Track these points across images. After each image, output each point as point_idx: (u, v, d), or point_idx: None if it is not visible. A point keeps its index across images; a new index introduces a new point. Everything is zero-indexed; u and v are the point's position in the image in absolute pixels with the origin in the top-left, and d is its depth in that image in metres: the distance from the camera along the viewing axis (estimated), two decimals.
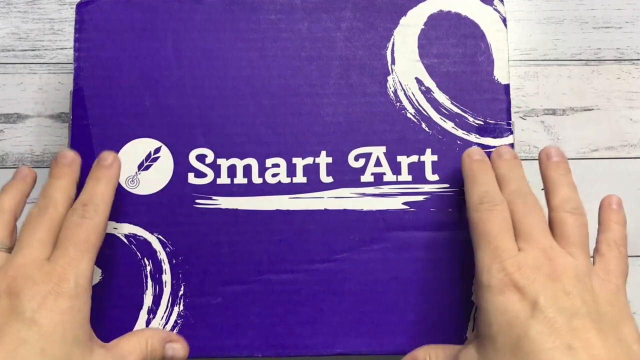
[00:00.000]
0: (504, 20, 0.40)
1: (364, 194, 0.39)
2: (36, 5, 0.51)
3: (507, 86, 0.39)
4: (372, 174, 0.39)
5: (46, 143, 0.49)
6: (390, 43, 0.40)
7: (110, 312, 0.38)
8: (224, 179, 0.39)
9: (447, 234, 0.38)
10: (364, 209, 0.38)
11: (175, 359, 0.36)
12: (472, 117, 0.39)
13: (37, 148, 0.49)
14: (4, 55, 0.50)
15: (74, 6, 0.41)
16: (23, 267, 0.31)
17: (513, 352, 0.29)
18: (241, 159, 0.39)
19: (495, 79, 0.39)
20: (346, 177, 0.39)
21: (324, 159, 0.39)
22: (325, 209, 0.38)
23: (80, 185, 0.36)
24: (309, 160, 0.39)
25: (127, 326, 0.37)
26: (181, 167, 0.39)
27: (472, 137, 0.39)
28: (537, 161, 0.39)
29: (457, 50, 0.40)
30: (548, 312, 0.29)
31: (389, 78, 0.40)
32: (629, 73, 0.50)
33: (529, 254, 0.32)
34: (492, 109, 0.39)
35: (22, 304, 0.30)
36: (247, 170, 0.39)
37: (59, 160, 0.37)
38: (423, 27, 0.40)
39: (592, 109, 0.50)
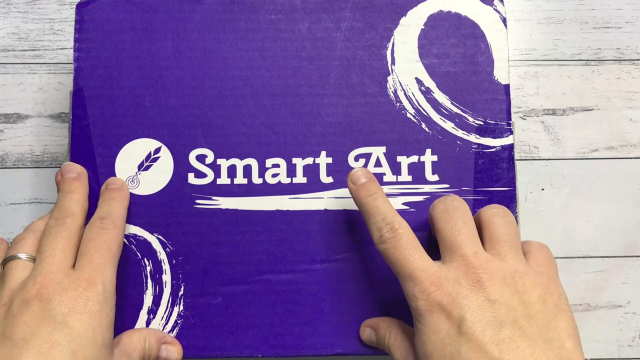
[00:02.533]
0: (504, 21, 0.40)
1: None
2: (36, 5, 0.51)
3: (507, 86, 0.39)
4: (372, 174, 0.39)
5: (46, 143, 0.49)
6: (390, 43, 0.40)
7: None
8: (224, 179, 0.39)
9: None
10: None
11: (170, 355, 0.37)
12: (472, 117, 0.39)
13: (37, 148, 0.49)
14: (4, 55, 0.50)
15: (74, 6, 0.41)
16: (51, 274, 0.32)
17: None
18: (241, 159, 0.39)
19: (495, 79, 0.39)
20: (346, 177, 0.39)
21: (324, 159, 0.39)
22: (325, 209, 0.38)
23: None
24: (309, 160, 0.39)
25: (127, 326, 0.38)
26: (181, 167, 0.39)
27: (472, 137, 0.39)
28: (538, 162, 0.39)
29: (457, 50, 0.40)
30: (475, 328, 0.29)
31: (389, 78, 0.40)
32: (629, 73, 0.50)
33: (451, 265, 0.32)
34: (492, 109, 0.39)
35: (53, 308, 0.31)
36: (247, 170, 0.39)
37: (67, 175, 0.38)
38: (423, 27, 0.40)
39: (592, 109, 0.50)
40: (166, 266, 0.38)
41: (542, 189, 0.49)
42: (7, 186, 0.49)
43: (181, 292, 0.38)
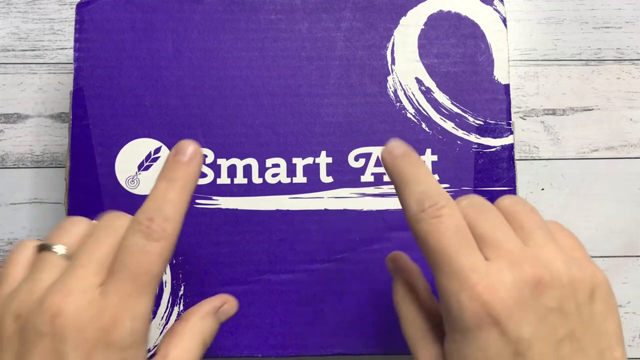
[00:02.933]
0: (504, 21, 0.40)
1: (364, 194, 0.39)
2: (36, 5, 0.51)
3: (507, 86, 0.39)
4: (372, 174, 0.39)
5: (46, 143, 0.49)
6: (390, 43, 0.40)
7: None
8: (224, 179, 0.39)
9: None
10: (364, 209, 0.38)
11: (230, 316, 0.32)
12: (472, 117, 0.39)
13: (37, 148, 0.49)
14: (4, 55, 0.50)
15: (74, 6, 0.41)
16: (73, 295, 0.25)
17: None
18: (241, 159, 0.39)
19: (495, 79, 0.39)
20: (346, 177, 0.39)
21: (324, 159, 0.39)
22: (325, 209, 0.38)
23: None
24: (309, 160, 0.39)
25: None
26: None
27: (472, 137, 0.39)
28: (538, 162, 0.39)
29: (457, 50, 0.40)
30: (534, 349, 0.24)
31: (389, 78, 0.40)
32: (629, 73, 0.50)
33: (500, 264, 0.25)
34: (492, 109, 0.39)
35: (66, 352, 0.24)
36: (247, 170, 0.39)
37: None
38: (423, 27, 0.40)
39: (592, 109, 0.50)
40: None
41: (542, 189, 0.49)
42: (7, 186, 0.49)
43: (181, 292, 0.38)
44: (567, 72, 0.50)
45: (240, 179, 0.39)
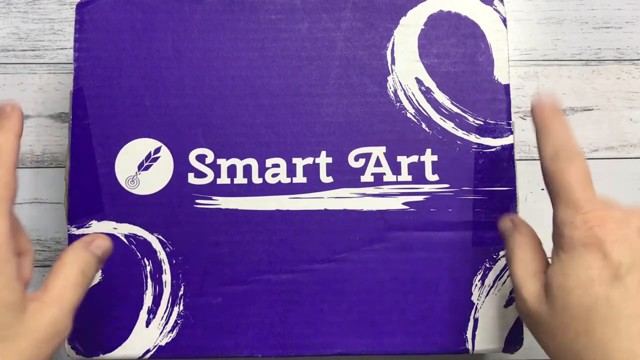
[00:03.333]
0: (504, 21, 0.40)
1: (364, 194, 0.39)
2: (36, 5, 0.51)
3: (507, 86, 0.39)
4: (372, 174, 0.39)
5: (46, 143, 0.49)
6: (390, 43, 0.40)
7: (111, 312, 0.38)
8: (224, 179, 0.39)
9: (447, 234, 0.38)
10: (364, 209, 0.38)
11: (107, 252, 0.34)
12: (472, 117, 0.39)
13: (37, 148, 0.49)
14: (4, 55, 0.50)
15: (74, 6, 0.41)
16: None
17: (589, 312, 0.28)
18: (241, 159, 0.39)
19: (495, 79, 0.39)
20: (346, 177, 0.39)
21: (324, 159, 0.39)
22: (325, 209, 0.38)
23: None
24: (309, 160, 0.39)
25: (127, 326, 0.38)
26: (181, 167, 0.39)
27: (472, 137, 0.39)
28: (538, 162, 0.39)
29: (457, 50, 0.40)
30: (632, 277, 0.28)
31: (389, 78, 0.40)
32: (629, 73, 0.50)
33: (613, 207, 0.30)
34: (492, 109, 0.39)
35: None
36: (247, 170, 0.39)
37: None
38: (423, 27, 0.40)
39: (592, 109, 0.50)
40: (166, 266, 0.38)
41: (542, 189, 0.49)
42: None
43: (181, 292, 0.38)
44: (567, 72, 0.50)
45: (240, 179, 0.39)
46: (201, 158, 0.39)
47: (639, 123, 0.49)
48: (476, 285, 0.38)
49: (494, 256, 0.38)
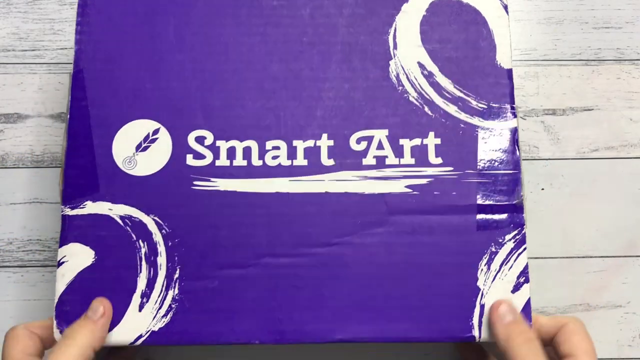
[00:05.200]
0: (505, 7, 0.40)
1: (366, 177, 0.38)
2: (36, 5, 0.51)
3: (509, 70, 0.39)
4: (375, 156, 0.38)
5: (46, 143, 0.48)
6: (392, 29, 0.40)
7: (102, 296, 0.36)
8: (223, 161, 0.38)
9: (451, 218, 0.37)
10: (366, 192, 0.38)
11: (108, 316, 0.36)
12: (475, 100, 0.39)
13: (37, 148, 0.48)
14: (4, 55, 0.50)
15: (74, 6, 0.41)
16: None
17: None
18: (241, 141, 0.38)
19: (498, 63, 0.39)
20: (348, 159, 0.38)
21: (325, 142, 0.38)
22: (326, 192, 0.38)
23: None
24: (310, 142, 0.38)
25: (119, 310, 0.36)
26: (180, 148, 0.38)
27: (476, 120, 0.38)
28: (538, 162, 0.38)
29: (459, 36, 0.40)
30: None
31: (391, 62, 0.39)
32: (629, 73, 0.50)
33: None
34: (495, 92, 0.39)
35: None
36: (246, 152, 0.38)
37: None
38: (425, 13, 0.40)
39: (592, 109, 0.50)
40: (161, 248, 0.37)
41: (542, 189, 0.48)
42: (7, 186, 0.48)
43: (176, 275, 0.37)
44: (567, 72, 0.50)
45: (239, 161, 0.38)
46: (200, 140, 0.38)
47: (639, 123, 0.49)
48: (482, 270, 0.37)
49: (500, 240, 0.37)
